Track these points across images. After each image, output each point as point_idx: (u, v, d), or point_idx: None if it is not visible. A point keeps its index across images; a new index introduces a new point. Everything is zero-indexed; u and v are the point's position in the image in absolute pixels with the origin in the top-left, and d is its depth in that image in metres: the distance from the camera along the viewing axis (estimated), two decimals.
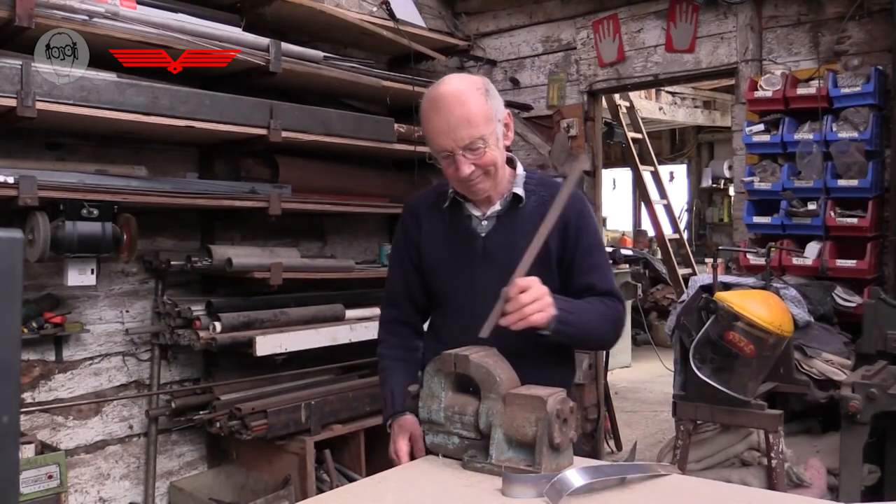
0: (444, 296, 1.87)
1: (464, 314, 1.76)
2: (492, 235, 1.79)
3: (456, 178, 1.71)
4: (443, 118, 1.65)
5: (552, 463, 1.42)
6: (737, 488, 1.55)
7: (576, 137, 4.58)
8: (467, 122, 1.64)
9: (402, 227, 1.92)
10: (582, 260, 1.79)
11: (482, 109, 1.66)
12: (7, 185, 2.62)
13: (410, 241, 1.88)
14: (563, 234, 1.77)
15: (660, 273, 8.18)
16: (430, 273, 1.87)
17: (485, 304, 1.62)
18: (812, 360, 3.05)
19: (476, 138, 1.65)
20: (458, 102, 1.65)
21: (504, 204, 1.80)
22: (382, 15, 4.20)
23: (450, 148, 1.66)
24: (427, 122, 1.70)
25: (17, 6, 2.59)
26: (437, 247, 1.84)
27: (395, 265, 1.95)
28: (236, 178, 3.60)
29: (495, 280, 1.65)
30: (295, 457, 3.31)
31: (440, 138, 1.67)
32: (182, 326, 3.33)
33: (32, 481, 2.77)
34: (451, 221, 1.83)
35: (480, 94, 1.68)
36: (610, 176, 9.87)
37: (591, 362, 4.67)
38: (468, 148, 1.66)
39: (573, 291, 1.78)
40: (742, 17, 3.90)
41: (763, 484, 2.85)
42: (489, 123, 1.67)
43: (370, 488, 1.48)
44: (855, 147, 3.32)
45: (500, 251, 1.76)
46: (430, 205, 1.88)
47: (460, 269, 1.81)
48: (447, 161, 1.69)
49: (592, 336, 1.78)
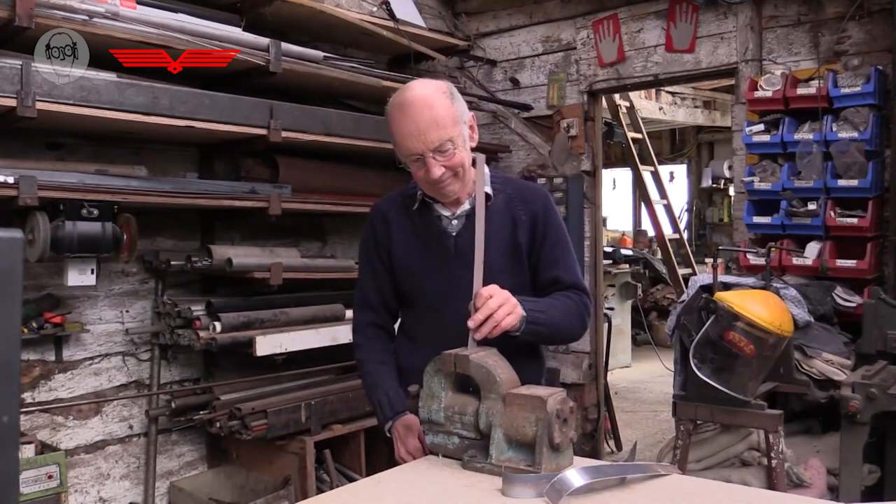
0: (417, 296, 1.89)
1: (438, 313, 1.79)
2: (463, 234, 1.83)
3: (426, 180, 1.74)
4: (412, 122, 1.68)
5: (552, 463, 1.42)
6: (737, 488, 1.55)
7: (576, 137, 4.59)
8: (436, 125, 1.68)
9: (371, 230, 1.93)
10: (549, 253, 1.85)
11: (449, 112, 1.71)
12: (7, 185, 2.62)
13: (381, 244, 1.90)
14: (531, 228, 1.83)
15: (660, 273, 8.19)
16: (403, 274, 1.88)
17: (459, 301, 1.66)
18: (812, 360, 3.05)
19: (445, 140, 1.69)
20: (426, 106, 1.69)
21: (472, 203, 1.83)
22: (382, 15, 4.20)
23: (420, 151, 1.69)
24: (396, 127, 1.73)
25: (17, 6, 2.59)
26: (408, 248, 1.87)
27: (366, 268, 1.96)
28: (236, 178, 3.60)
29: (469, 278, 1.69)
30: (295, 457, 3.31)
31: (410, 142, 1.70)
32: (182, 326, 3.33)
33: (32, 481, 2.77)
34: (422, 223, 1.86)
35: (446, 98, 1.72)
36: (610, 176, 9.87)
37: (591, 362, 4.67)
38: (438, 150, 1.69)
39: (540, 284, 1.84)
40: (742, 17, 3.90)
41: (763, 484, 2.85)
42: (456, 125, 1.72)
43: (370, 488, 1.48)
44: (855, 147, 3.32)
45: (472, 250, 1.78)
46: (399, 207, 1.90)
47: (434, 268, 1.84)
48: (417, 164, 1.73)
49: (562, 331, 1.82)
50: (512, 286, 1.68)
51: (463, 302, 1.64)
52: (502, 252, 1.81)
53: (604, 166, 4.85)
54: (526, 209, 1.84)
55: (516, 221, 1.84)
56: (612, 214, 10.11)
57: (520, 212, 1.84)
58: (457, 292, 1.73)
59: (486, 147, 4.75)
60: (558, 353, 4.70)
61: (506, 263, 1.68)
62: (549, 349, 4.69)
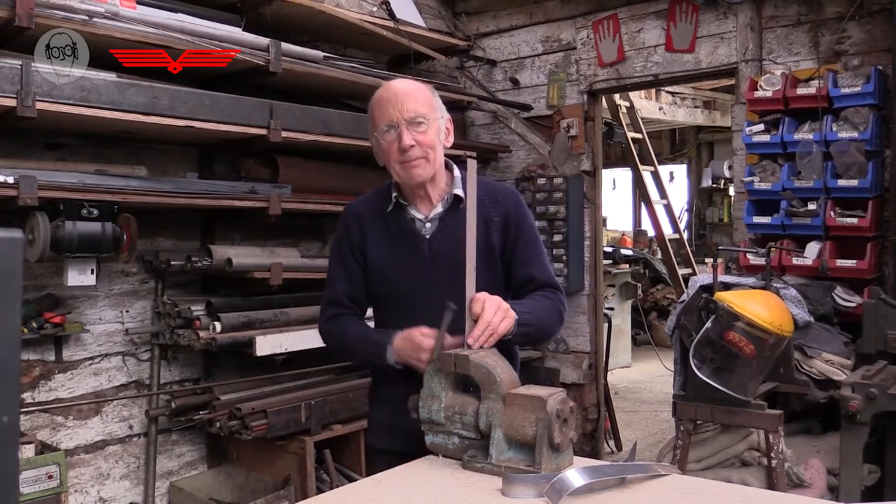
0: (390, 298, 1.90)
1: (411, 314, 1.79)
2: (437, 237, 1.85)
3: (397, 150, 1.77)
4: (392, 93, 1.79)
5: (552, 463, 1.42)
6: (737, 488, 1.55)
7: (576, 137, 4.59)
8: (413, 99, 1.78)
9: (344, 232, 1.93)
10: (522, 252, 1.88)
11: (427, 97, 1.82)
12: (7, 185, 2.62)
13: (354, 245, 1.90)
14: (503, 227, 1.86)
15: (660, 273, 8.19)
16: (377, 276, 1.89)
17: (433, 303, 1.68)
18: (812, 360, 3.05)
19: (420, 114, 1.77)
20: (409, 86, 1.83)
21: (445, 205, 1.86)
22: (382, 15, 4.20)
23: (395, 119, 1.76)
24: (376, 105, 1.81)
25: (17, 6, 2.58)
26: (382, 250, 1.88)
27: (338, 268, 1.94)
28: (236, 178, 3.60)
29: (442, 280, 1.74)
30: (295, 457, 3.31)
31: (387, 109, 1.77)
32: (182, 326, 3.33)
33: (32, 481, 2.77)
34: (396, 225, 1.88)
35: (427, 89, 1.84)
36: (610, 176, 9.87)
37: (591, 362, 4.67)
38: (412, 122, 1.76)
39: (515, 283, 1.88)
40: (742, 17, 3.90)
41: (763, 484, 2.85)
42: (433, 111, 1.81)
43: (370, 488, 1.48)
44: (855, 147, 3.32)
45: (446, 252, 1.82)
46: (373, 209, 1.91)
47: (407, 270, 1.85)
48: (390, 136, 1.78)
49: (545, 330, 1.86)
50: (485, 285, 1.70)
51: (436, 303, 1.64)
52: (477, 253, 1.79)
53: (604, 166, 4.85)
54: (498, 210, 1.87)
55: (489, 222, 1.85)
56: (612, 214, 10.11)
57: (492, 213, 1.87)
58: (431, 294, 1.75)
59: (487, 147, 4.76)
60: (558, 353, 4.70)
61: (480, 263, 1.70)
62: (549, 349, 4.70)
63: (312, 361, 3.71)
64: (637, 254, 8.49)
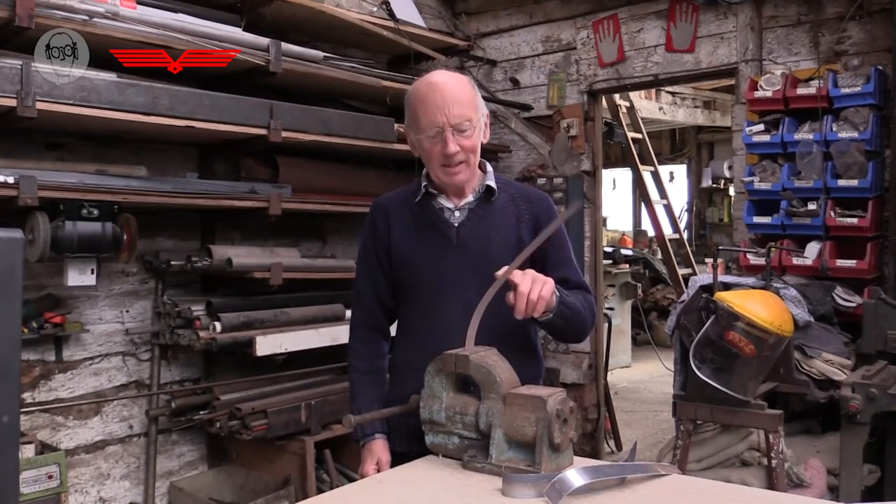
0: (415, 286, 1.87)
1: (435, 303, 1.80)
2: (465, 225, 1.84)
3: (441, 155, 1.76)
4: (438, 94, 1.74)
5: (552, 463, 1.42)
6: (737, 488, 1.55)
7: (576, 137, 4.59)
8: (460, 103, 1.74)
9: (370, 227, 1.94)
10: (555, 255, 1.87)
11: (472, 97, 1.79)
12: (7, 185, 2.62)
13: (380, 239, 1.90)
14: (534, 230, 1.85)
15: (660, 273, 8.19)
16: (401, 264, 1.87)
17: (457, 292, 1.68)
18: (812, 360, 3.05)
19: (466, 119, 1.75)
20: (454, 85, 1.77)
21: (477, 196, 1.86)
22: (382, 15, 4.20)
23: (441, 123, 1.73)
24: (420, 103, 1.77)
25: (17, 6, 2.59)
26: (407, 238, 1.87)
27: (364, 266, 1.96)
28: (236, 178, 3.60)
29: (469, 269, 1.73)
30: (295, 457, 3.31)
31: (433, 113, 1.73)
32: (182, 326, 3.33)
33: (32, 481, 2.77)
34: (423, 213, 1.87)
35: (471, 86, 1.82)
36: (610, 176, 9.87)
37: (591, 362, 4.67)
38: (457, 128, 1.74)
39: None
40: (742, 17, 3.90)
41: (763, 484, 2.85)
42: (476, 111, 1.79)
43: (370, 488, 1.48)
44: (855, 147, 3.32)
45: (474, 241, 1.81)
46: (401, 202, 1.91)
47: (432, 256, 1.84)
48: (434, 140, 1.76)
49: (581, 322, 1.81)
50: None
51: (461, 292, 1.64)
52: (506, 246, 1.81)
53: (604, 166, 4.85)
54: (530, 209, 1.88)
55: (520, 219, 1.86)
56: (612, 214, 10.12)
57: (524, 210, 1.87)
58: (455, 282, 1.75)
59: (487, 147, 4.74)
60: (558, 353, 4.70)
61: (509, 257, 1.69)
62: (549, 349, 4.70)
63: (312, 361, 3.71)
64: (637, 254, 8.49)
